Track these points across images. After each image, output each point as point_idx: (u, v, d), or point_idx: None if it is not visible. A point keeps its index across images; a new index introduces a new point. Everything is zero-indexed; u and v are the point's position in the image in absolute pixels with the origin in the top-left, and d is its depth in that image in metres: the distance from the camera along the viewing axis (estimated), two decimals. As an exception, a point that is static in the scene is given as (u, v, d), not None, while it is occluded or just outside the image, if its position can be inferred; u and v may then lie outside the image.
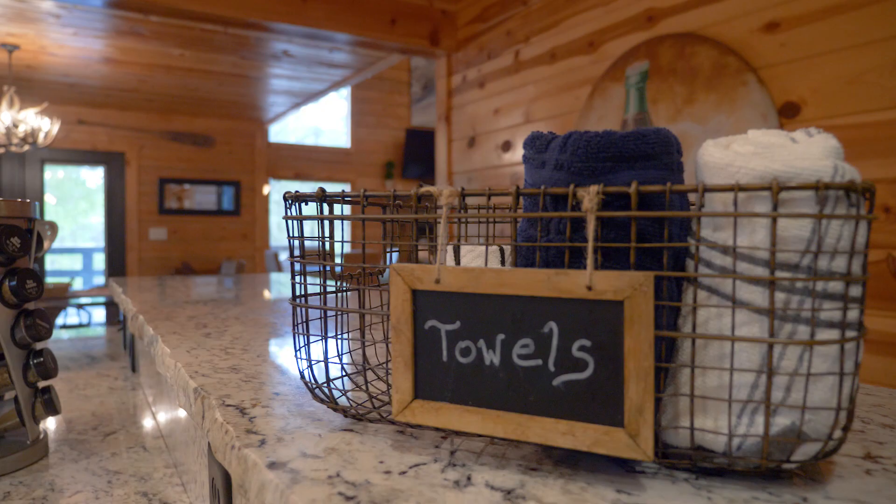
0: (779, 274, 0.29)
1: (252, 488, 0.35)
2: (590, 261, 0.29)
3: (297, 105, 5.59)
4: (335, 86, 4.79)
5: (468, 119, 2.98)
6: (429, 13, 2.98)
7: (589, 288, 0.30)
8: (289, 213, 0.40)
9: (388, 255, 0.51)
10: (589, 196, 0.30)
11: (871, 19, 1.49)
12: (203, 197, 6.28)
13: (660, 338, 0.31)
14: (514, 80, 2.68)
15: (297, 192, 0.39)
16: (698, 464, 0.32)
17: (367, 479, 0.32)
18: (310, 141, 7.18)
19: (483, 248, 0.50)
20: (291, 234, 0.40)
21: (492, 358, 0.33)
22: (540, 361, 0.31)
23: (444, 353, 0.34)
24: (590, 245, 0.29)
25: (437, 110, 3.20)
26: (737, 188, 0.28)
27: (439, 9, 3.00)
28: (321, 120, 7.28)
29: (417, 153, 7.10)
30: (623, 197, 0.31)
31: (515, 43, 2.67)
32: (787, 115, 1.66)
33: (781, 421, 0.30)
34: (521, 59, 2.64)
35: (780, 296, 0.29)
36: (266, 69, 4.43)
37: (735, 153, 0.30)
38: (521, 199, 0.36)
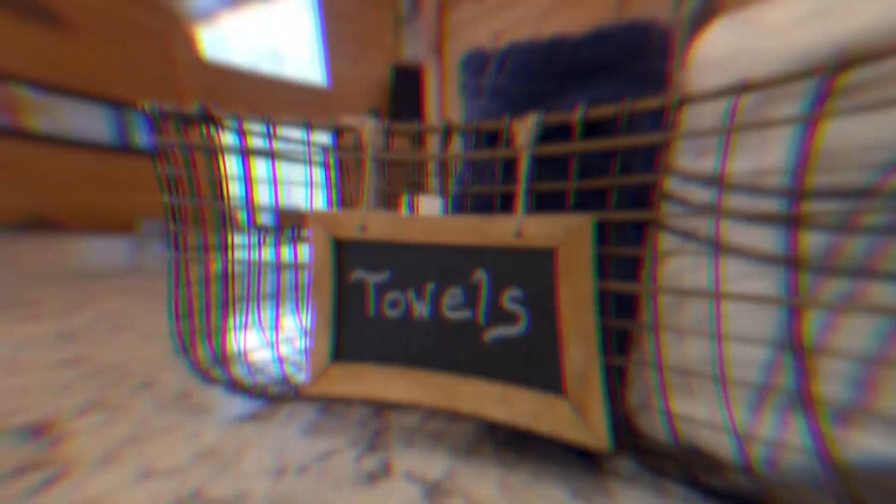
0: (814, 206, 0.23)
1: None
2: (519, 204, 0.24)
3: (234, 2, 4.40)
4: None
5: (465, 49, 2.60)
6: None
7: (518, 234, 0.24)
8: (157, 138, 0.31)
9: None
10: (525, 129, 0.23)
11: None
12: (80, 120, 4.21)
13: (612, 293, 0.25)
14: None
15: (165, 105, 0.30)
16: (697, 475, 0.25)
17: (241, 490, 0.25)
18: (267, 68, 5.07)
19: (440, 199, 0.44)
20: (161, 168, 0.31)
21: (421, 310, 0.28)
22: (470, 314, 0.26)
23: (372, 307, 0.30)
24: (521, 186, 0.24)
25: (424, 36, 2.72)
26: (744, 88, 0.22)
27: None
28: (280, 40, 5.32)
29: (409, 95, 5.17)
30: (569, 128, 0.25)
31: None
32: None
33: (860, 440, 0.20)
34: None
35: (817, 239, 0.21)
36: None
37: (756, 32, 0.21)
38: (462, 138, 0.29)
